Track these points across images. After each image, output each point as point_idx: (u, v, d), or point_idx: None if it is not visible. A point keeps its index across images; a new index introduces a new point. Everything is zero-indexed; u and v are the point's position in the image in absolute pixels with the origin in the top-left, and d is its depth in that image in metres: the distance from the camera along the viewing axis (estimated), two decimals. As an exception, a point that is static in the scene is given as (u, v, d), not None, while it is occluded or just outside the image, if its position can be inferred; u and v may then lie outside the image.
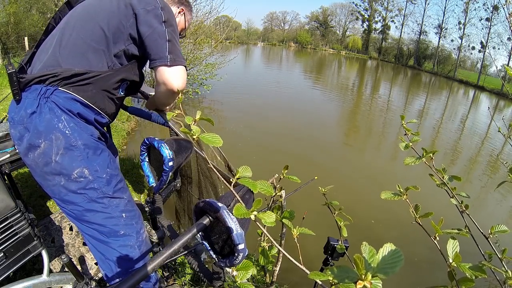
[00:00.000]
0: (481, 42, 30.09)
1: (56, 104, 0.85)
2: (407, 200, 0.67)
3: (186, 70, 0.99)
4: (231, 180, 0.56)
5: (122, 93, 1.01)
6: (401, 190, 0.68)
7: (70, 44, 0.89)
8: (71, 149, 0.87)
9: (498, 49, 29.19)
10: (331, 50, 45.93)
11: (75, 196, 0.90)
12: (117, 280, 1.00)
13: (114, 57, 0.93)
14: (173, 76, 0.94)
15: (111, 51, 0.92)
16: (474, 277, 0.49)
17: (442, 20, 33.41)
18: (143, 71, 1.11)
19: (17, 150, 1.29)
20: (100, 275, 1.45)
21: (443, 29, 33.50)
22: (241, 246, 0.57)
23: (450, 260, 0.51)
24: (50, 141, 0.85)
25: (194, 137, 0.51)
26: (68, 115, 0.87)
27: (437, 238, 0.60)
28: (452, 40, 33.43)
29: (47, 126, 0.84)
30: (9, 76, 0.83)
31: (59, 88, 0.86)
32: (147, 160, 1.02)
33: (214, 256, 0.67)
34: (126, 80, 0.99)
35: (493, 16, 28.39)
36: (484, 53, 29.51)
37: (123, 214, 0.96)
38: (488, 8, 28.85)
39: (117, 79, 0.96)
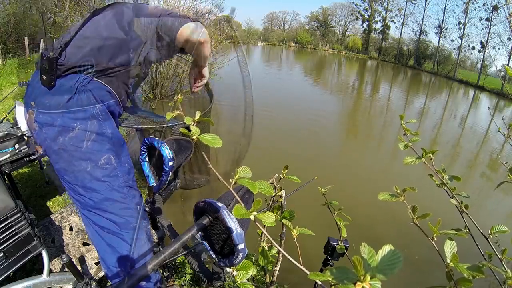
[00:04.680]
0: (481, 42, 30.08)
1: (92, 93, 0.92)
2: (405, 201, 0.67)
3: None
4: (231, 180, 0.56)
5: (131, 88, 1.10)
6: (399, 191, 0.68)
7: (104, 49, 0.97)
8: (102, 136, 0.93)
9: (498, 49, 29.16)
10: (331, 50, 45.88)
11: (98, 184, 0.94)
12: (120, 276, 1.00)
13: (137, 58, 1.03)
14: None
15: (137, 56, 1.02)
16: (471, 277, 0.49)
17: (442, 20, 33.41)
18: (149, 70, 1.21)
19: (16, 150, 1.29)
20: (100, 274, 1.45)
21: (443, 29, 33.48)
22: (241, 246, 0.57)
23: (448, 261, 0.51)
24: (85, 125, 0.91)
25: (194, 137, 0.51)
26: (101, 104, 0.94)
27: (435, 239, 0.60)
28: (452, 40, 33.41)
29: (84, 112, 0.91)
30: (49, 61, 0.88)
31: (94, 79, 0.94)
32: (147, 160, 1.02)
33: (214, 256, 0.67)
34: (138, 76, 1.09)
35: (493, 16, 28.37)
36: (484, 53, 29.49)
37: (138, 207, 1.01)
38: (488, 8, 28.83)
39: (134, 74, 1.05)
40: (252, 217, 0.51)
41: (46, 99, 0.91)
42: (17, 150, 1.28)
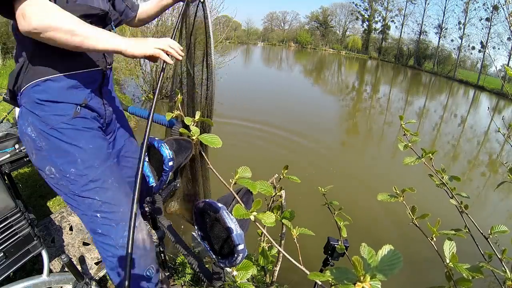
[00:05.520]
0: (481, 42, 30.05)
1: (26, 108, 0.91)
2: (404, 201, 0.67)
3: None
4: (230, 180, 0.56)
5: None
6: (398, 192, 0.68)
7: None
8: (39, 149, 0.91)
9: (498, 49, 29.09)
10: (331, 50, 45.86)
11: (55, 189, 0.95)
12: (121, 276, 1.00)
13: None
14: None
15: None
16: (471, 278, 0.49)
17: (442, 20, 33.35)
18: None
19: (16, 150, 1.29)
20: (100, 274, 1.45)
21: (443, 29, 33.44)
22: (240, 247, 0.57)
23: (447, 261, 0.51)
24: (26, 143, 0.92)
25: (194, 138, 0.51)
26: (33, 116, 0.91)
27: (434, 239, 0.60)
28: (452, 40, 33.33)
29: (20, 130, 0.93)
30: None
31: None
32: (147, 160, 1.02)
33: (214, 256, 0.67)
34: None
35: (493, 16, 28.34)
36: (484, 53, 29.46)
37: (98, 215, 0.94)
38: (488, 8, 28.80)
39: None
40: (252, 217, 0.51)
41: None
42: (17, 150, 1.29)
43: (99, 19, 0.93)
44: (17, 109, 1.31)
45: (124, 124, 1.22)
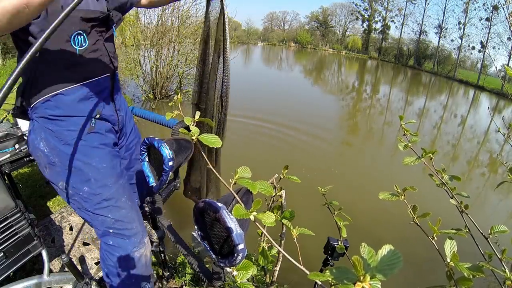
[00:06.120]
0: (481, 42, 30.04)
1: (37, 121, 0.89)
2: (405, 200, 0.67)
3: None
4: (230, 180, 0.56)
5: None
6: (399, 190, 0.68)
7: None
8: (53, 165, 0.90)
9: (498, 49, 29.08)
10: (331, 50, 45.85)
11: (69, 203, 0.95)
12: (121, 277, 1.01)
13: None
14: None
15: None
16: (472, 277, 0.49)
17: (442, 20, 33.35)
18: None
19: (17, 150, 1.29)
20: (100, 274, 1.45)
21: (443, 29, 33.44)
22: (240, 247, 0.57)
23: (448, 260, 0.51)
24: (38, 158, 0.92)
25: (193, 138, 0.51)
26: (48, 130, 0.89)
27: (435, 238, 0.60)
28: (452, 40, 33.33)
29: (32, 145, 0.91)
30: None
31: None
32: (147, 160, 1.02)
33: (213, 256, 0.67)
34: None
35: (493, 16, 28.33)
36: (484, 53, 29.44)
37: (110, 231, 0.95)
38: (488, 8, 28.80)
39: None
40: (252, 217, 0.51)
41: None
42: (17, 150, 1.29)
43: (102, 22, 0.90)
44: (23, 122, 1.31)
45: (134, 125, 1.25)
